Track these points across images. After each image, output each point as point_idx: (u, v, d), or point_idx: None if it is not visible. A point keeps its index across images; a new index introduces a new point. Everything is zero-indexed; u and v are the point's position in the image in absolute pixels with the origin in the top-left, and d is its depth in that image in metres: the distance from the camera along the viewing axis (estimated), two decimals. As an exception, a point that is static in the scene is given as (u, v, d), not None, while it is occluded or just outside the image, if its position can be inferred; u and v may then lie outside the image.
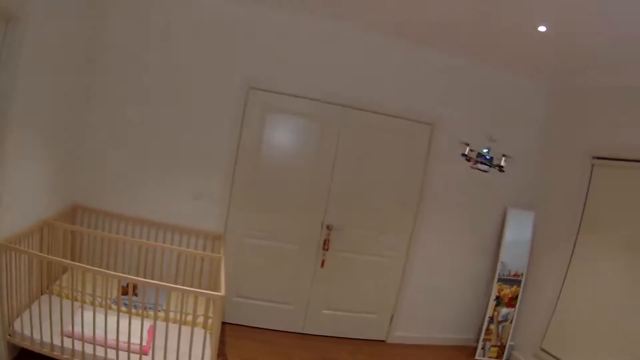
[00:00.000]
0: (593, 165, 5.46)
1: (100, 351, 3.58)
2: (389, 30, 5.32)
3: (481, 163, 4.27)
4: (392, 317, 6.13)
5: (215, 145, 5.33)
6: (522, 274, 6.01)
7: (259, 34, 5.28)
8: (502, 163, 4.34)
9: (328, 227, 5.73)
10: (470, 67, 5.83)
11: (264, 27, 5.28)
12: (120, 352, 3.60)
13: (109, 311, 3.77)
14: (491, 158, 4.00)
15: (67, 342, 3.59)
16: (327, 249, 5.76)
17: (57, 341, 3.59)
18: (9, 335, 3.65)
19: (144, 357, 3.63)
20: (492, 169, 4.18)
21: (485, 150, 3.85)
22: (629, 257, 4.85)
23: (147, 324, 3.87)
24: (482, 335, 6.04)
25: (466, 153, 4.12)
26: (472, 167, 4.91)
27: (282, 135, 5.59)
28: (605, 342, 4.88)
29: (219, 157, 5.36)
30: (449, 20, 4.57)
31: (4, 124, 3.42)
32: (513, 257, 6.01)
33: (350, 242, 5.84)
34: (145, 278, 4.10)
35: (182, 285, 4.01)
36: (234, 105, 5.31)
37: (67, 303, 3.83)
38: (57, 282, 4.44)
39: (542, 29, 4.26)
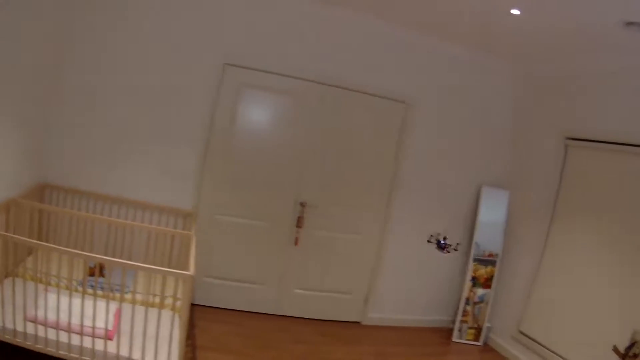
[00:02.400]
0: (567, 146, 5.49)
1: (64, 337, 3.41)
2: (367, 9, 5.23)
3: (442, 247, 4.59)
4: (366, 297, 6.09)
5: (188, 122, 5.21)
6: (497, 255, 5.98)
7: (234, 10, 5.15)
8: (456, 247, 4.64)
9: (302, 205, 5.65)
10: (446, 49, 5.80)
11: (239, 4, 5.16)
12: (85, 338, 3.43)
13: (75, 293, 3.61)
14: (445, 245, 4.35)
15: (30, 328, 3.41)
16: (301, 227, 5.67)
17: (20, 327, 3.41)
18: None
19: (109, 342, 3.47)
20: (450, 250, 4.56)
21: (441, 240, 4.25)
22: (605, 237, 4.88)
23: (113, 306, 3.70)
24: (459, 317, 6.03)
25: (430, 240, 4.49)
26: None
27: (257, 112, 5.50)
28: (584, 324, 4.90)
29: (192, 133, 5.23)
30: (425, 1, 4.55)
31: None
32: (488, 236, 6.00)
33: (325, 220, 5.77)
34: (113, 258, 3.88)
35: (151, 265, 3.83)
36: (209, 81, 5.19)
37: (31, 285, 3.69)
38: (23, 264, 4.27)
39: (515, 12, 4.24)
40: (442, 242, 4.37)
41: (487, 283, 5.99)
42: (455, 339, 6.03)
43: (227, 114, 5.32)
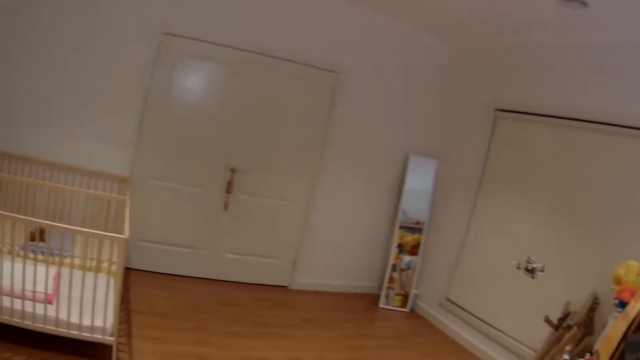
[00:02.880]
0: (496, 117, 5.59)
1: (6, 302, 3.36)
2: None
3: None
4: (294, 262, 6.14)
5: (126, 89, 5.16)
6: (424, 222, 6.07)
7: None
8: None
9: (232, 170, 5.67)
10: (377, 20, 5.86)
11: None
12: (26, 302, 3.39)
13: (16, 258, 3.58)
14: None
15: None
16: (230, 192, 5.70)
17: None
18: None
19: (48, 306, 3.42)
20: None
21: None
22: (533, 207, 5.00)
23: (53, 271, 3.62)
24: (385, 283, 6.09)
25: None
26: None
27: (193, 81, 5.54)
28: (512, 294, 5.00)
29: (129, 101, 5.19)
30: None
31: None
32: (415, 204, 6.11)
33: (254, 186, 5.82)
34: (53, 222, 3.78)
35: (89, 229, 3.69)
36: (147, 50, 5.16)
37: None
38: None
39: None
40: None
41: (413, 250, 6.08)
42: (382, 305, 6.12)
43: (164, 81, 5.33)
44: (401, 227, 6.06)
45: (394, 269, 6.08)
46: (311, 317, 5.43)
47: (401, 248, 6.06)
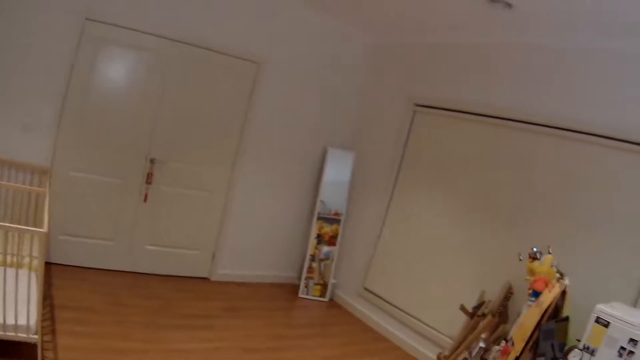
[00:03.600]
0: (415, 112, 5.78)
1: None
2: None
3: None
4: (214, 254, 6.16)
5: (45, 77, 4.93)
6: (342, 213, 6.21)
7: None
8: None
9: (152, 161, 5.60)
10: (299, 11, 5.93)
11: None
12: None
13: None
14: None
15: None
16: (150, 183, 5.64)
17: None
18: None
19: None
20: None
21: None
22: (449, 200, 5.22)
23: None
24: (304, 274, 6.21)
25: None
26: None
27: (114, 69, 5.39)
28: (428, 283, 5.23)
29: (49, 89, 4.97)
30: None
31: None
32: (333, 196, 6.28)
33: (173, 177, 5.78)
34: None
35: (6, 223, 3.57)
36: (68, 36, 4.94)
37: None
38: None
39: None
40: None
41: (332, 241, 6.24)
42: (301, 294, 6.25)
43: (85, 69, 5.15)
44: (320, 218, 6.21)
45: (313, 259, 6.22)
46: (232, 308, 5.49)
47: (320, 238, 6.20)
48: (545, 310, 3.66)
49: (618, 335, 3.04)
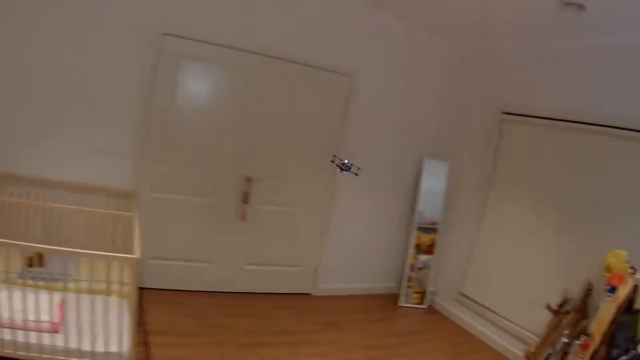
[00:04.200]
0: (502, 120, 5.74)
1: (6, 334, 3.17)
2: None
3: (343, 170, 5.01)
4: (316, 269, 6.18)
5: (124, 97, 4.84)
6: (438, 223, 6.24)
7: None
8: (357, 172, 5.07)
9: (248, 180, 5.56)
10: (387, 23, 5.84)
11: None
12: (29, 333, 3.21)
13: (13, 286, 3.40)
14: (349, 167, 4.82)
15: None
16: (247, 202, 5.60)
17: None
18: None
19: (55, 336, 3.26)
20: (350, 173, 5.10)
21: (346, 161, 4.84)
22: (538, 206, 5.24)
23: (57, 297, 3.51)
24: (404, 283, 6.24)
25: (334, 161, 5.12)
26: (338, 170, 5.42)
27: (198, 85, 5.28)
28: (520, 286, 5.29)
29: (129, 109, 4.89)
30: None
31: None
32: (429, 205, 6.24)
33: (271, 194, 5.73)
34: (52, 246, 3.49)
35: (94, 251, 3.46)
36: (146, 52, 4.84)
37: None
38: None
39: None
40: (347, 163, 4.52)
41: (429, 250, 6.23)
42: (401, 303, 6.28)
43: (166, 86, 5.03)
44: (417, 228, 6.19)
45: (411, 268, 6.22)
46: (333, 321, 5.51)
47: (418, 248, 6.20)
48: (620, 304, 3.79)
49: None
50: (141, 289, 5.18)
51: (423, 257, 6.21)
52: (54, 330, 3.28)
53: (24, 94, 4.52)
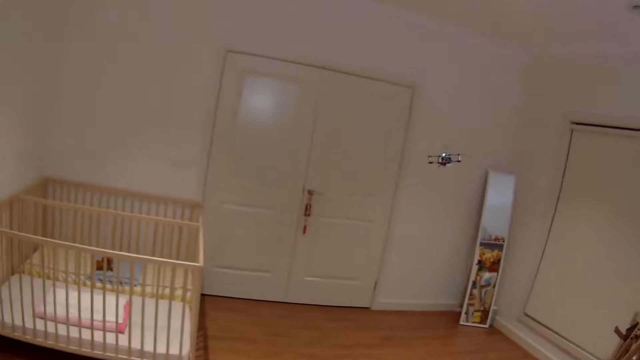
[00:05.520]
0: (572, 130, 5.46)
1: (74, 332, 3.42)
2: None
3: (445, 163, 5.02)
4: (375, 283, 6.11)
5: (191, 111, 5.13)
6: (503, 239, 5.99)
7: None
8: (459, 158, 5.10)
9: (309, 192, 5.62)
10: (452, 32, 5.72)
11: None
12: (95, 332, 3.44)
13: (83, 288, 3.58)
14: (449, 158, 4.92)
15: (40, 324, 3.42)
16: (308, 215, 5.66)
17: (29, 324, 3.41)
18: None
19: (120, 335, 3.50)
20: (453, 163, 5.09)
21: (444, 154, 4.91)
22: (608, 222, 4.93)
23: (123, 299, 3.71)
24: (466, 300, 6.04)
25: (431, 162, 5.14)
26: (439, 167, 5.35)
27: (261, 99, 5.42)
28: (587, 307, 4.98)
29: (195, 122, 5.16)
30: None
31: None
32: (494, 221, 6.01)
33: (332, 207, 5.76)
34: (120, 251, 3.94)
35: (160, 257, 3.85)
36: (211, 68, 5.10)
37: (38, 282, 3.69)
38: (28, 261, 4.27)
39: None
40: (445, 156, 4.67)
41: (493, 267, 6.00)
42: (462, 322, 6.08)
43: (230, 101, 5.25)
44: (481, 244, 5.99)
45: (474, 285, 6.02)
46: (392, 337, 5.43)
47: (481, 265, 6.00)
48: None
49: None
50: (203, 295, 5.38)
51: (486, 275, 6.00)
52: (119, 331, 3.51)
53: (97, 109, 4.92)
